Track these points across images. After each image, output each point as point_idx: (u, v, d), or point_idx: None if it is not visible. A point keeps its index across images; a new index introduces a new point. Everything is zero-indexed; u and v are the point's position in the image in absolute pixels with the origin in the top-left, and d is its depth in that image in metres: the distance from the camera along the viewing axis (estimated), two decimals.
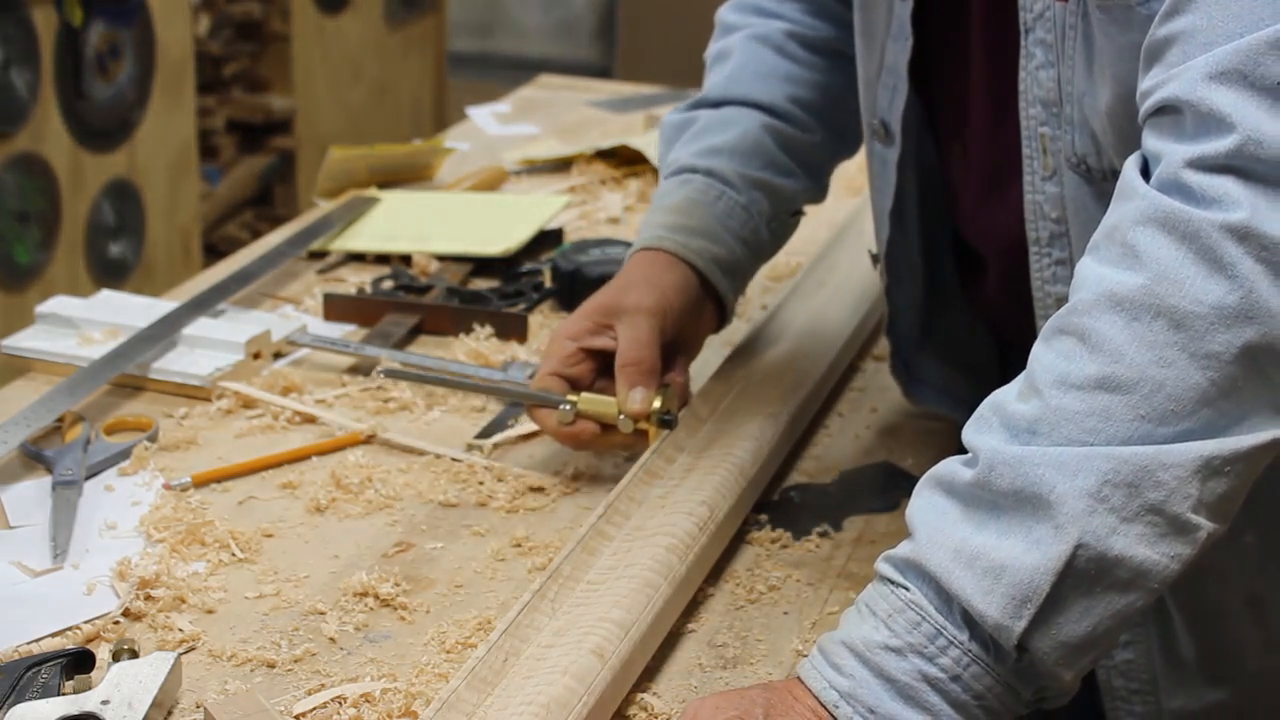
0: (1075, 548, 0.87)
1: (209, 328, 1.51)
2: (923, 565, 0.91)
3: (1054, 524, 0.88)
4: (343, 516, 1.26)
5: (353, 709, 1.01)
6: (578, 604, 1.06)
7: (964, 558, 0.90)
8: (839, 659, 0.93)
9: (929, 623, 0.90)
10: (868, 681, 0.91)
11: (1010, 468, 0.89)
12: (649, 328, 1.29)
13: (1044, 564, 0.88)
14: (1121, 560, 0.88)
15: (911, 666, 0.90)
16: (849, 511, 1.30)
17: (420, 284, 1.68)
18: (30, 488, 1.29)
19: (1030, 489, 0.88)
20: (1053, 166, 1.12)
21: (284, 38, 3.90)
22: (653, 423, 1.29)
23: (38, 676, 1.01)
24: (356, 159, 1.96)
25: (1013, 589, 0.88)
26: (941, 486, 0.94)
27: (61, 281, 2.99)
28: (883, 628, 0.92)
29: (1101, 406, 0.88)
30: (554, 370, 1.30)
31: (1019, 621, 0.88)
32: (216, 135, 3.76)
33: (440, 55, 4.70)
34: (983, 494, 0.91)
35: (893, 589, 0.93)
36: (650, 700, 1.04)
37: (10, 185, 2.84)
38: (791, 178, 1.41)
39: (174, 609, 1.12)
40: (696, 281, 1.34)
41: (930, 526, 0.92)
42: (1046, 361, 0.92)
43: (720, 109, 1.43)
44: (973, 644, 0.90)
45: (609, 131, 2.27)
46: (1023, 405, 0.91)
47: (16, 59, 2.83)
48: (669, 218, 1.36)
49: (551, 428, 1.30)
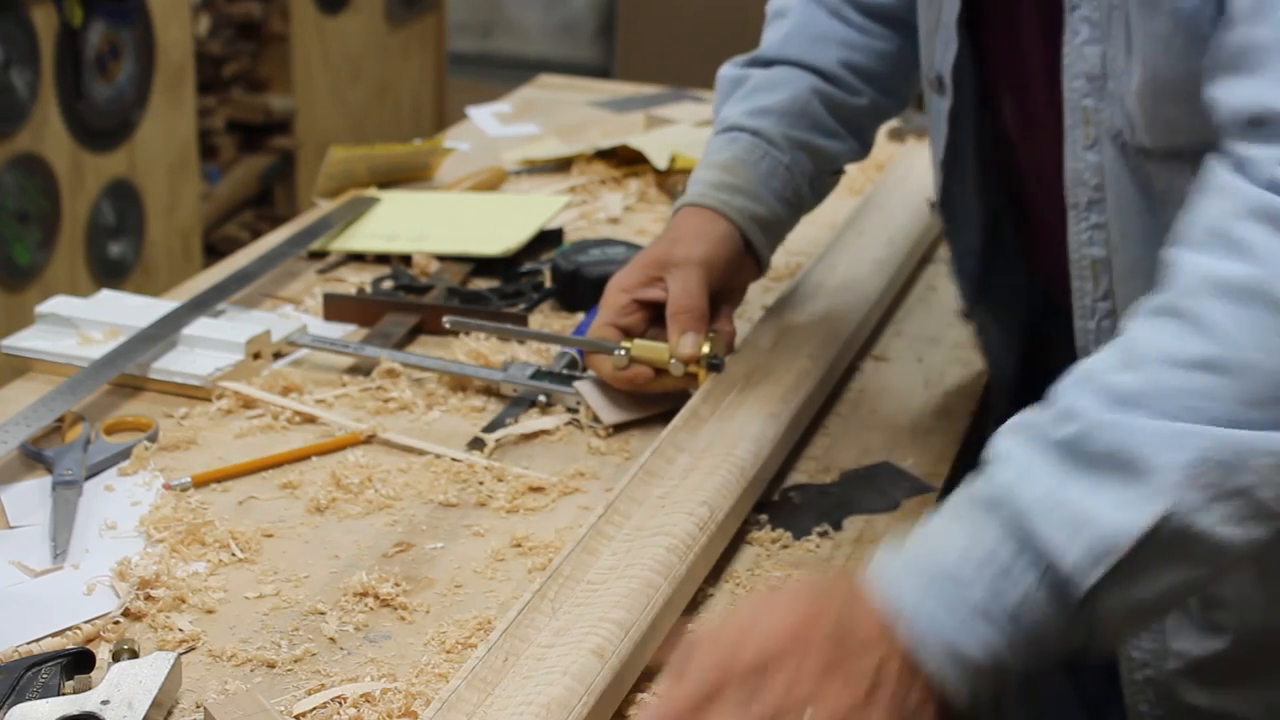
0: (1163, 517, 0.89)
1: (209, 328, 1.51)
2: (1006, 506, 0.92)
3: (1147, 490, 0.90)
4: (343, 516, 1.26)
5: (353, 709, 1.01)
6: (578, 604, 1.06)
7: (1050, 504, 0.91)
8: (910, 579, 0.94)
9: (1002, 557, 0.91)
10: (930, 606, 0.92)
11: (1109, 431, 0.91)
12: (698, 278, 1.38)
13: (1129, 525, 0.89)
14: (1202, 536, 0.90)
15: (975, 595, 0.91)
16: (849, 511, 1.30)
17: (420, 284, 1.68)
18: (30, 488, 1.29)
19: (1128, 454, 0.90)
20: (1094, 136, 1.18)
21: (284, 38, 3.90)
22: (702, 366, 1.38)
23: (38, 676, 1.01)
24: (356, 159, 1.96)
25: (1093, 542, 0.90)
26: (1031, 437, 0.95)
27: (61, 281, 2.99)
28: (955, 555, 0.93)
29: (1204, 386, 0.91)
30: (609, 320, 1.40)
31: (1093, 574, 0.90)
32: (216, 135, 3.76)
33: (440, 55, 4.70)
34: (1077, 451, 0.92)
35: (974, 519, 0.94)
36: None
37: (10, 185, 2.84)
38: (836, 139, 1.50)
39: (174, 609, 1.12)
40: (738, 236, 1.43)
41: (1022, 467, 0.94)
42: (1151, 339, 0.94)
43: (772, 69, 1.51)
44: (1040, 589, 0.91)
45: (609, 131, 2.27)
46: (1124, 376, 0.93)
47: (16, 59, 2.83)
48: (715, 175, 1.45)
49: (608, 372, 1.39)
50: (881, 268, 1.65)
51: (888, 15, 1.50)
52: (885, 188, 1.90)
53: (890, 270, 1.65)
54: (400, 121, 4.49)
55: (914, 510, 1.30)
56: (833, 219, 1.80)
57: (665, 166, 2.04)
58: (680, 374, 1.38)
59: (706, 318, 1.38)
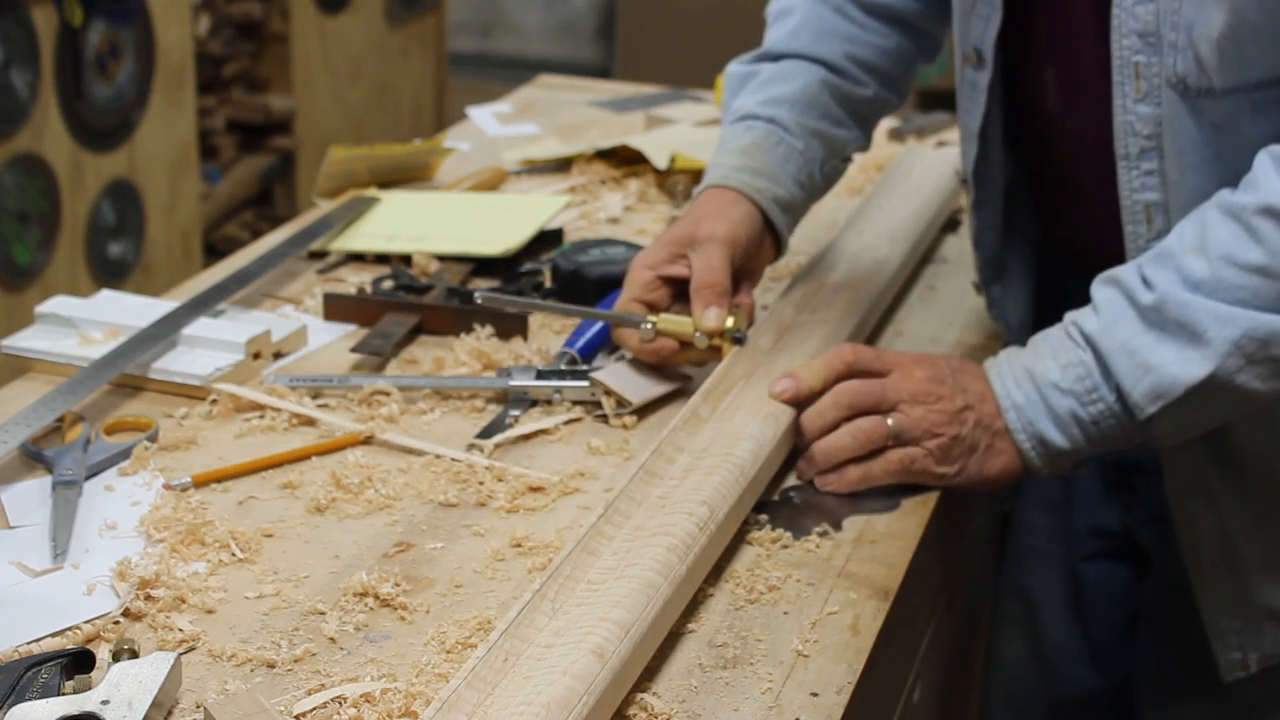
0: (1211, 374, 1.22)
1: (209, 328, 1.51)
2: (1098, 344, 1.27)
3: (1201, 354, 1.22)
4: (343, 516, 1.26)
5: (353, 709, 1.01)
6: (578, 604, 1.06)
7: (1128, 350, 1.25)
8: (1019, 378, 1.31)
9: (1091, 380, 1.27)
10: (1035, 406, 1.30)
11: (1179, 306, 1.22)
12: (721, 255, 1.44)
13: (1183, 377, 1.23)
14: (1239, 389, 1.23)
15: (1068, 404, 1.28)
16: (849, 511, 1.30)
17: (420, 284, 1.68)
18: (30, 488, 1.29)
19: (1190, 325, 1.22)
20: (1145, 90, 1.30)
21: (284, 38, 3.91)
22: (725, 339, 1.43)
23: (38, 676, 1.01)
24: (356, 159, 1.95)
25: (1154, 385, 1.24)
26: (1120, 289, 1.27)
27: (61, 281, 3.00)
28: (1057, 370, 1.29)
29: (1254, 286, 1.21)
30: (635, 296, 1.45)
31: (1151, 406, 1.25)
32: (216, 135, 3.76)
33: (440, 55, 4.71)
34: (1154, 315, 1.24)
35: (1074, 346, 1.29)
36: (650, 700, 1.04)
37: (10, 185, 2.85)
38: (844, 128, 1.59)
39: (174, 609, 1.12)
40: (759, 216, 1.50)
41: (1111, 317, 1.27)
42: (1219, 237, 1.22)
43: (781, 62, 1.59)
44: (1115, 405, 1.27)
45: (609, 131, 2.27)
46: (1195, 262, 1.23)
47: (16, 59, 2.83)
48: (735, 159, 1.52)
49: (635, 346, 1.45)
50: (882, 267, 1.65)
51: (888, 13, 1.59)
52: (885, 188, 1.90)
53: (891, 270, 1.65)
54: (400, 121, 4.49)
55: (914, 510, 1.31)
56: (833, 219, 1.80)
57: (665, 166, 2.04)
58: (704, 346, 1.42)
59: (729, 293, 1.43)
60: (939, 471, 1.31)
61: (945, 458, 1.30)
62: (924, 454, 1.30)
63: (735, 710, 1.04)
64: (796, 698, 1.05)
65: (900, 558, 1.24)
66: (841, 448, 1.31)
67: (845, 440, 1.31)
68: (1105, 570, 1.77)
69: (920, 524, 1.29)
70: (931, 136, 2.27)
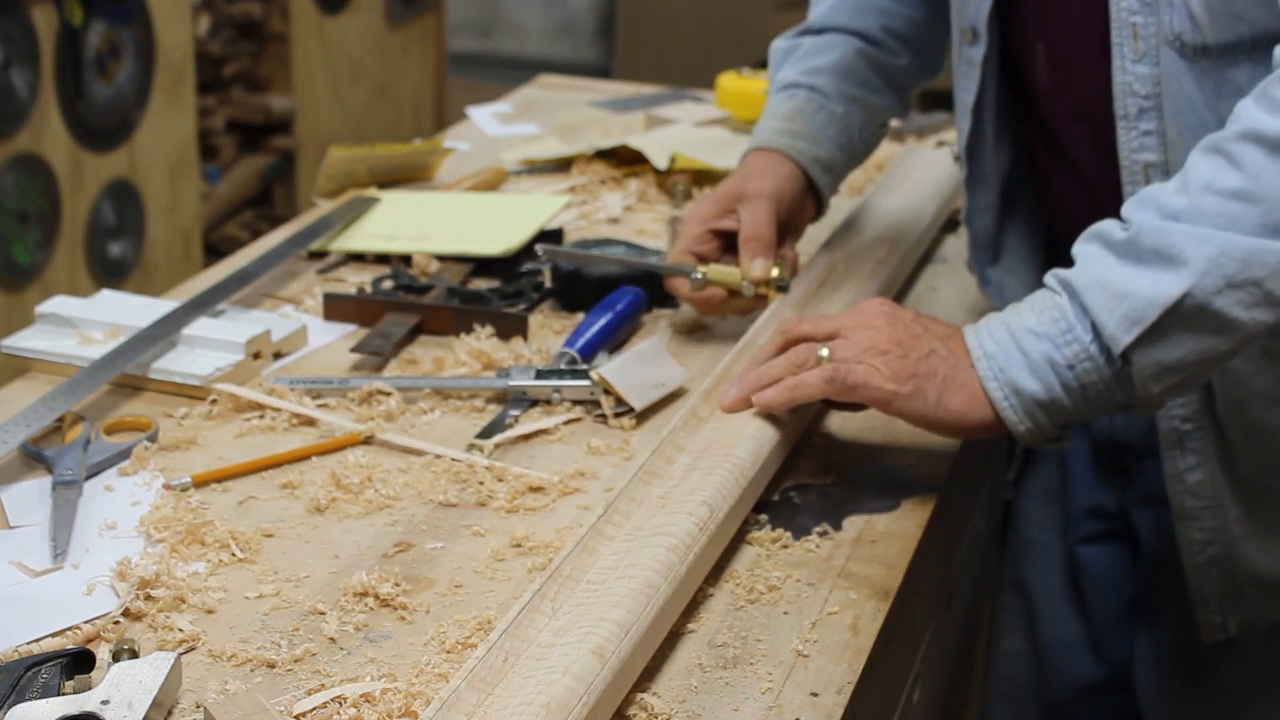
0: (1186, 293, 1.16)
1: (209, 328, 1.51)
2: (1072, 283, 1.23)
3: (1177, 274, 1.17)
4: (343, 516, 1.26)
5: (353, 709, 1.01)
6: (578, 604, 1.06)
7: (1101, 284, 1.21)
8: (993, 329, 1.27)
9: (1065, 321, 1.23)
10: (1008, 352, 1.25)
11: (1155, 233, 1.18)
12: (767, 209, 1.54)
13: (1157, 299, 1.17)
14: (1217, 313, 1.17)
15: (1043, 348, 1.23)
16: (849, 511, 1.30)
17: (420, 284, 1.68)
18: (30, 488, 1.29)
19: (1167, 249, 1.18)
20: (1143, 50, 1.33)
21: (284, 38, 3.91)
22: (771, 287, 1.53)
23: (38, 676, 1.01)
24: (356, 159, 1.95)
25: (1129, 312, 1.19)
26: (1099, 239, 1.24)
27: (61, 281, 2.99)
28: (1032, 317, 1.25)
29: (1233, 211, 1.16)
30: (687, 248, 1.56)
31: (1127, 335, 1.19)
32: (216, 135, 3.76)
33: (440, 55, 4.70)
34: (1129, 247, 1.20)
35: (1050, 293, 1.25)
36: (650, 700, 1.04)
37: (10, 185, 2.85)
38: (880, 95, 1.68)
39: (174, 609, 1.12)
40: (802, 176, 1.60)
41: (1084, 260, 1.24)
42: (1199, 170, 1.19)
43: (822, 35, 1.69)
44: (1091, 346, 1.22)
45: (609, 131, 2.27)
46: (1174, 198, 1.19)
47: (16, 59, 2.83)
48: (779, 123, 1.62)
49: (686, 294, 1.56)
50: (882, 267, 1.65)
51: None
52: (885, 187, 1.90)
53: (891, 269, 1.65)
54: (400, 121, 4.49)
55: (914, 510, 1.31)
56: (833, 218, 1.80)
57: (665, 166, 2.04)
58: (751, 295, 1.53)
59: (775, 245, 1.54)
60: (889, 388, 1.26)
61: (896, 375, 1.26)
62: (866, 369, 1.26)
63: (735, 710, 1.04)
64: (796, 698, 1.06)
65: (900, 558, 1.24)
66: (774, 366, 1.31)
67: (779, 363, 1.32)
68: (1104, 555, 1.78)
69: (920, 524, 1.29)
70: (931, 136, 2.27)
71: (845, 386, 1.27)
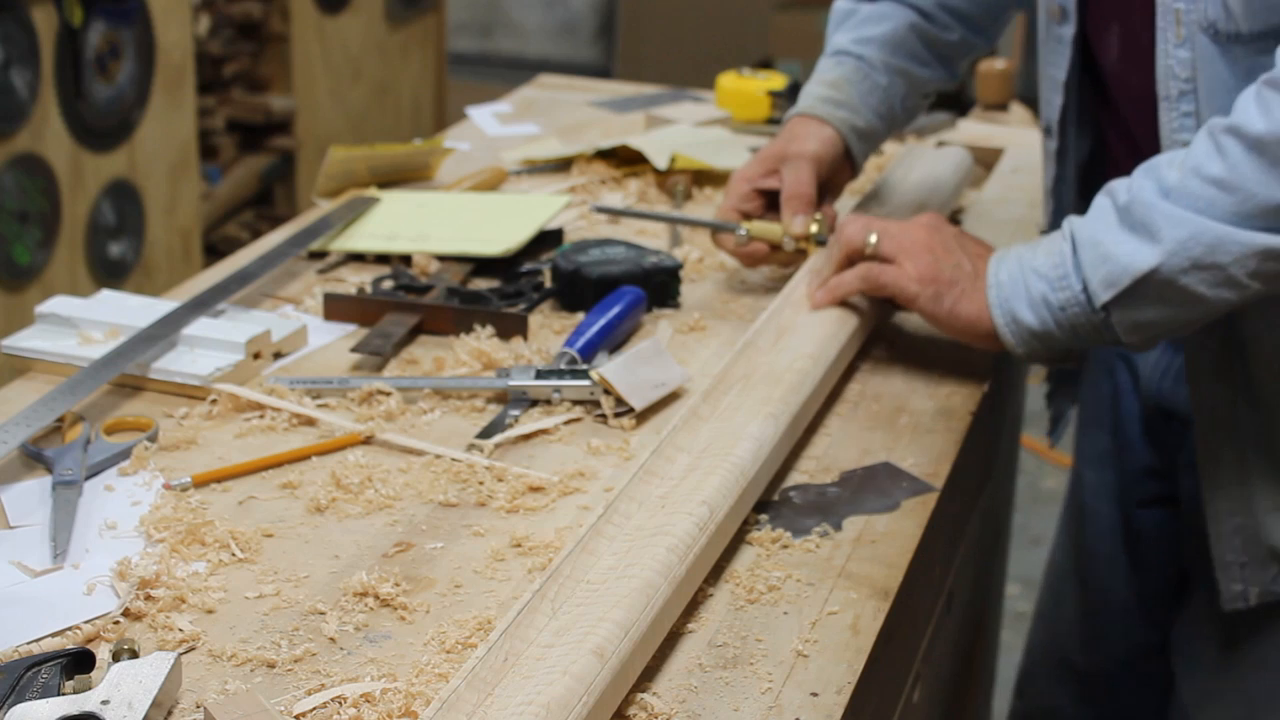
0: (1154, 269, 1.31)
1: (209, 328, 1.51)
2: (1076, 236, 1.39)
3: (1151, 249, 1.32)
4: (343, 516, 1.26)
5: (353, 709, 1.01)
6: (578, 604, 1.06)
7: (1094, 242, 1.36)
8: (1009, 263, 1.43)
9: (1064, 268, 1.38)
10: (1016, 285, 1.42)
11: (1144, 208, 1.33)
12: (809, 169, 1.66)
13: (1131, 267, 1.33)
14: (1184, 289, 1.31)
15: (1042, 288, 1.40)
16: (849, 511, 1.30)
17: (420, 284, 1.68)
18: (30, 488, 1.29)
19: (1150, 224, 1.32)
20: (1185, 35, 1.40)
21: (284, 38, 3.91)
22: (811, 243, 1.64)
23: (38, 676, 1.01)
24: (356, 159, 1.95)
25: (1108, 274, 1.35)
26: (1110, 195, 1.38)
27: (61, 281, 2.99)
28: (1041, 258, 1.41)
29: (1211, 196, 1.29)
30: (732, 205, 1.69)
31: (1105, 294, 1.35)
32: (216, 135, 3.76)
33: (440, 55, 4.71)
34: (1125, 213, 1.35)
35: (1060, 238, 1.40)
36: (650, 700, 1.04)
37: (10, 185, 2.85)
38: (928, 68, 1.79)
39: (174, 609, 1.12)
40: (840, 141, 1.72)
41: (1094, 212, 1.38)
42: (1195, 150, 1.32)
43: (878, 3, 1.78)
44: (1081, 295, 1.38)
45: (609, 131, 2.27)
46: (1170, 172, 1.33)
47: (16, 59, 2.83)
48: (823, 90, 1.74)
49: (730, 248, 1.69)
50: None
51: None
52: (887, 187, 1.90)
53: None
54: (400, 121, 4.49)
55: (914, 510, 1.31)
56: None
57: (665, 166, 2.04)
58: (791, 249, 1.64)
59: (815, 203, 1.65)
60: (912, 289, 1.46)
61: (920, 277, 1.46)
62: (895, 270, 1.47)
63: (735, 710, 1.04)
64: (796, 698, 1.06)
65: (900, 558, 1.24)
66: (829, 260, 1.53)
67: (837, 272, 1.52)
68: (1162, 519, 1.82)
69: (920, 524, 1.29)
70: (932, 136, 2.27)
71: (877, 285, 1.49)
